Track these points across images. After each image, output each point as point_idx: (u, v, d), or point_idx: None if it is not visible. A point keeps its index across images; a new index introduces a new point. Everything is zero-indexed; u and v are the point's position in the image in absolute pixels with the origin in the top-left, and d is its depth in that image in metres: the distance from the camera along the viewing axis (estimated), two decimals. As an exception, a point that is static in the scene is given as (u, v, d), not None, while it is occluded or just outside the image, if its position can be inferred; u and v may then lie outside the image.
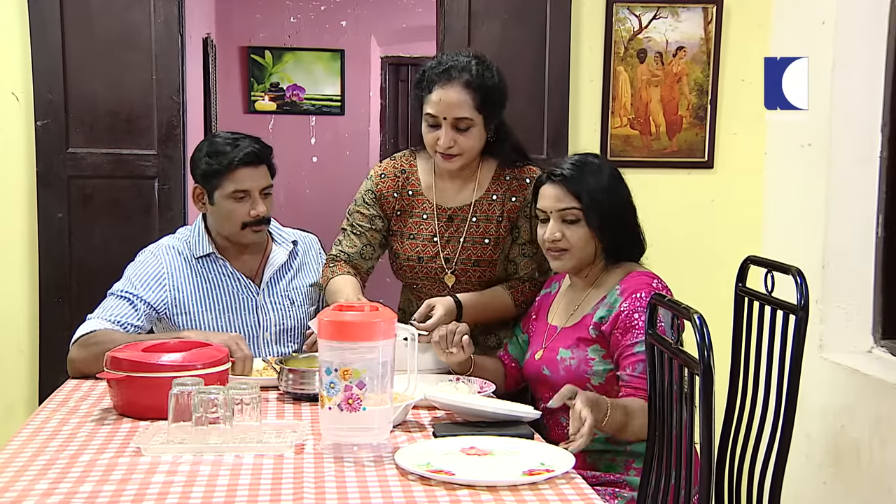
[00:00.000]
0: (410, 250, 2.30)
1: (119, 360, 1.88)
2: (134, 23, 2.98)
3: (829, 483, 2.80)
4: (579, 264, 2.07)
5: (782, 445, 1.94)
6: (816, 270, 2.83)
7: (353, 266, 2.32)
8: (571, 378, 2.00)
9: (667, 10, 3.18)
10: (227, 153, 2.30)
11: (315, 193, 6.13)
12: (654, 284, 2.00)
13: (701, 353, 1.54)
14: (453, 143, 2.17)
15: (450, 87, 2.15)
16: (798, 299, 1.92)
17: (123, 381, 1.86)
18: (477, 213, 2.28)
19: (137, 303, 2.28)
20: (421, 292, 2.33)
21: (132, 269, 2.35)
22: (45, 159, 2.97)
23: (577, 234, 2.03)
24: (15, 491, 1.45)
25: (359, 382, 1.61)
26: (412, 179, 2.31)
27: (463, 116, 2.15)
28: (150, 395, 1.81)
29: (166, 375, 1.80)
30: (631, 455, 1.99)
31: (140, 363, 1.86)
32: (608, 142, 3.21)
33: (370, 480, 1.51)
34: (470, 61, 2.19)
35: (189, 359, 1.90)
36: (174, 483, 1.49)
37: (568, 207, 2.03)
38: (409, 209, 2.31)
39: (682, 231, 3.25)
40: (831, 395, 2.77)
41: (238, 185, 2.30)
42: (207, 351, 1.96)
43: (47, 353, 2.96)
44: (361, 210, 2.32)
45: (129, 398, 1.87)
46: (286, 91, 6.20)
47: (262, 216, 2.33)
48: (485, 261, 2.28)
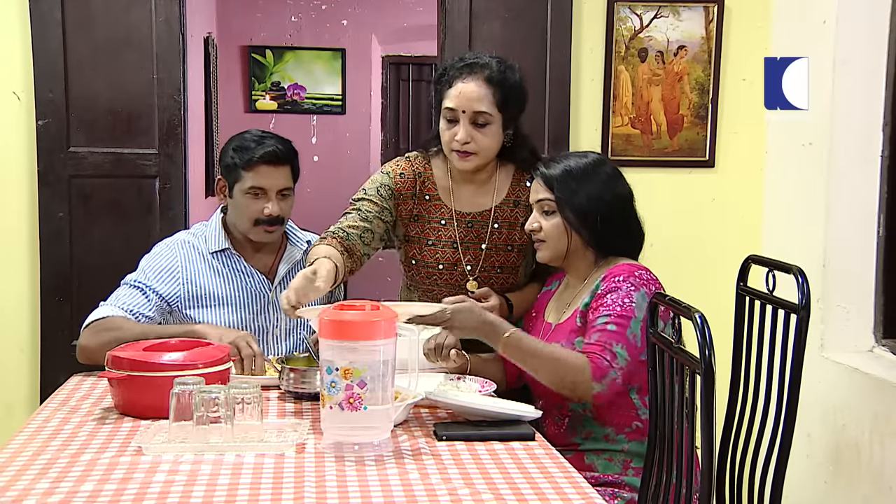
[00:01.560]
0: (430, 257, 2.26)
1: (120, 359, 1.88)
2: (135, 22, 2.98)
3: (829, 482, 2.80)
4: (555, 254, 2.10)
5: (783, 445, 1.94)
6: (817, 270, 2.83)
7: (348, 247, 2.13)
8: None
9: (668, 9, 3.18)
10: (250, 149, 2.32)
11: (316, 193, 6.10)
12: (637, 274, 2.00)
13: (702, 352, 1.54)
14: (470, 138, 2.14)
15: (471, 81, 2.14)
16: (799, 298, 1.92)
17: (124, 381, 1.86)
18: (499, 220, 2.26)
19: (150, 294, 2.29)
20: (436, 297, 2.27)
21: (147, 261, 2.37)
22: (46, 158, 2.97)
23: (551, 224, 2.07)
24: (16, 490, 1.45)
25: (360, 381, 1.61)
26: (428, 184, 2.27)
27: (482, 111, 2.13)
28: (151, 395, 1.81)
29: (167, 375, 1.80)
30: (629, 455, 1.99)
31: (141, 362, 1.86)
32: (609, 141, 3.21)
33: (371, 480, 1.51)
34: (493, 60, 2.18)
35: (190, 358, 1.90)
36: (175, 482, 1.49)
37: (543, 199, 2.08)
38: (426, 214, 2.26)
39: (682, 230, 3.26)
40: (832, 395, 2.77)
41: (255, 181, 2.31)
42: (208, 350, 1.96)
43: (48, 352, 2.96)
44: (373, 199, 2.22)
45: (130, 397, 1.87)
46: (287, 90, 6.20)
47: (274, 216, 2.33)
48: (509, 267, 2.27)
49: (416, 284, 2.32)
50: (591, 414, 2.01)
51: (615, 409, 1.99)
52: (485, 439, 1.73)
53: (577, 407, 2.02)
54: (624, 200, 2.10)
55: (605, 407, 1.99)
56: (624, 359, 1.92)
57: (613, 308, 1.95)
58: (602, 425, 2.01)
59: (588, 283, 2.08)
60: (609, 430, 2.00)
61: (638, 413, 1.99)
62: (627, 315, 1.94)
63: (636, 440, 1.99)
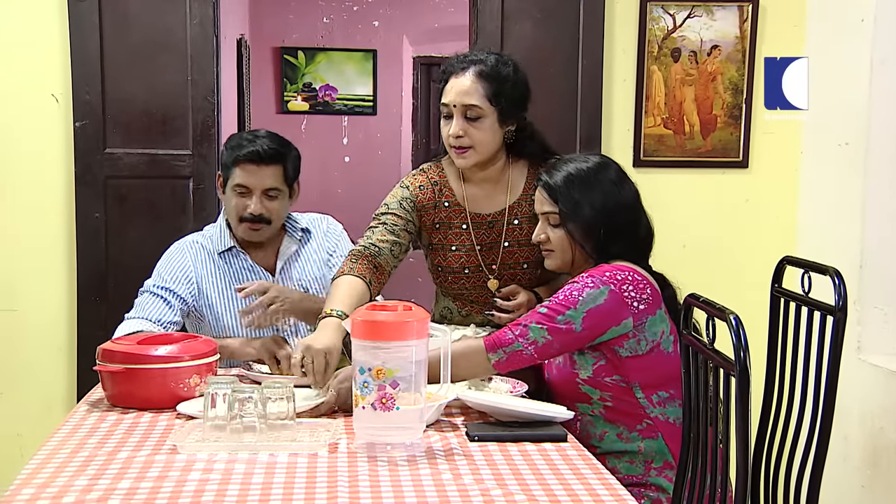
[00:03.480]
0: (455, 262, 2.26)
1: (112, 352, 1.95)
2: (170, 25, 3.01)
3: (867, 486, 2.76)
4: (563, 264, 2.10)
5: (820, 448, 1.92)
6: (853, 271, 2.80)
7: (378, 263, 2.16)
8: (562, 377, 2.04)
9: (701, 8, 3.16)
10: (240, 147, 2.33)
11: (347, 193, 6.15)
12: (610, 274, 1.96)
13: (737, 354, 1.53)
14: (463, 132, 2.14)
15: (462, 76, 2.15)
16: (836, 300, 1.90)
17: (117, 374, 1.93)
18: (518, 216, 2.25)
19: (171, 298, 2.32)
20: (467, 300, 2.30)
21: (161, 265, 2.40)
22: (83, 160, 3.02)
23: (556, 236, 2.08)
24: (55, 487, 1.47)
25: (392, 382, 1.61)
26: (445, 190, 2.27)
27: (472, 104, 2.13)
28: (140, 387, 1.92)
29: (157, 367, 1.92)
30: (647, 455, 1.99)
31: (131, 355, 1.94)
32: (641, 141, 3.20)
33: (404, 480, 1.51)
34: (489, 56, 2.18)
35: (179, 351, 1.98)
36: (210, 481, 1.50)
37: (548, 212, 2.08)
38: (447, 220, 2.26)
39: (715, 231, 3.23)
40: (869, 398, 2.73)
41: (240, 179, 2.33)
42: (196, 344, 2.03)
43: (85, 351, 3.00)
44: (397, 213, 2.23)
45: (123, 390, 1.94)
46: (319, 91, 6.23)
47: (255, 215, 2.32)
48: (534, 262, 2.26)
49: (445, 290, 2.32)
50: (600, 414, 2.01)
51: (620, 406, 1.99)
52: (517, 440, 1.73)
53: (585, 408, 2.02)
54: (629, 208, 2.07)
55: (610, 406, 1.99)
56: (542, 338, 1.92)
57: (556, 297, 1.97)
58: (613, 424, 2.00)
59: None
60: (621, 428, 2.00)
61: (646, 411, 1.99)
62: (566, 304, 1.94)
63: (650, 438, 1.99)
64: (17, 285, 3.08)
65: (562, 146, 2.44)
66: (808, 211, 3.21)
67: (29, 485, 1.48)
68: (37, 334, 3.09)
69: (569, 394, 2.03)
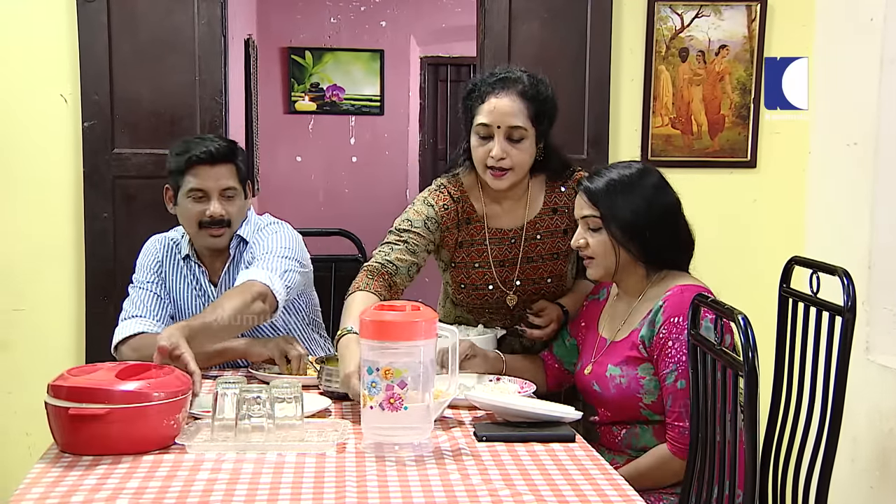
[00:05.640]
0: (479, 279, 2.24)
1: (62, 388, 1.59)
2: (177, 25, 3.02)
3: (876, 487, 2.75)
4: (606, 272, 2.05)
5: (828, 449, 1.92)
6: (862, 271, 2.79)
7: (394, 282, 2.13)
8: (623, 397, 1.99)
9: (709, 8, 3.15)
10: (188, 150, 2.29)
11: (354, 193, 6.16)
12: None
13: (745, 354, 1.52)
14: (506, 154, 2.11)
15: (505, 96, 2.11)
16: (844, 301, 1.89)
17: (67, 413, 1.58)
18: (539, 230, 2.24)
19: (158, 290, 2.35)
20: (485, 312, 2.29)
21: (140, 260, 2.42)
22: (91, 160, 3.02)
23: (597, 241, 2.02)
24: (65, 486, 1.48)
25: (400, 382, 1.61)
26: (466, 207, 2.24)
27: (517, 125, 2.10)
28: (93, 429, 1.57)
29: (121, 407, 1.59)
30: None
31: (89, 390, 1.59)
32: (649, 141, 3.19)
33: (412, 480, 1.51)
34: (524, 74, 2.16)
35: (148, 388, 1.64)
36: (218, 480, 1.51)
37: (588, 215, 2.03)
38: (469, 238, 2.24)
39: (723, 231, 3.22)
40: (878, 398, 2.72)
41: (194, 183, 2.27)
42: (168, 380, 1.71)
43: (93, 351, 3.01)
44: (420, 232, 2.17)
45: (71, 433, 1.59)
46: (326, 91, 6.23)
47: (217, 216, 2.27)
48: (557, 275, 2.26)
49: (464, 303, 2.30)
50: (650, 428, 2.00)
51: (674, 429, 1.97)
52: (525, 440, 1.73)
53: (637, 423, 2.01)
54: (671, 211, 2.04)
55: (662, 424, 1.97)
56: None
57: (678, 358, 1.91)
58: (660, 440, 1.98)
59: (644, 300, 2.03)
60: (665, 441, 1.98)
61: None
62: (684, 362, 1.89)
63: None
64: (26, 285, 3.08)
65: (570, 146, 2.45)
66: (817, 211, 3.20)
67: (38, 483, 1.49)
68: (45, 334, 3.10)
69: (626, 412, 2.00)
